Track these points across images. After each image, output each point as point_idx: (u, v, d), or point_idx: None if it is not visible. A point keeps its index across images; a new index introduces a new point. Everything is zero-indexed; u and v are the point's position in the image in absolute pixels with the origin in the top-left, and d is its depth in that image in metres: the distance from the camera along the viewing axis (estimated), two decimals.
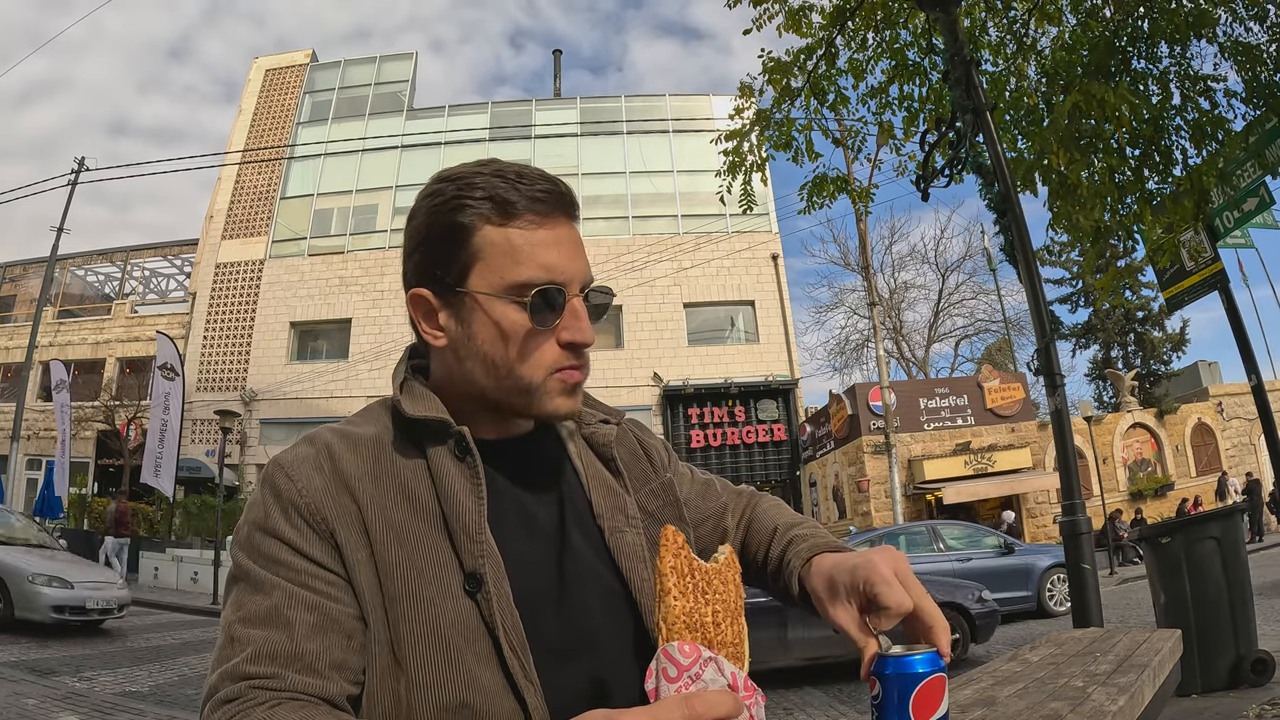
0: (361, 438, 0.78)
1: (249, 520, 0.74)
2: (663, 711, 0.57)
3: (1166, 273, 6.44)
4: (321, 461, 0.75)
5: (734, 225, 22.19)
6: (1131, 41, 5.03)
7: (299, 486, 0.73)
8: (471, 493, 0.75)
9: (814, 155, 5.91)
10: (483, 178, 0.77)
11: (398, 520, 0.73)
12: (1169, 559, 4.57)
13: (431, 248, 0.79)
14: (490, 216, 0.76)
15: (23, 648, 7.47)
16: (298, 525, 0.72)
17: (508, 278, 0.76)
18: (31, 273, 25.40)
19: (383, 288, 23.22)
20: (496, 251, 0.76)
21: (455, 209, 0.77)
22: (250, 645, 0.67)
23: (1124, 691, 1.36)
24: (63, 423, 17.28)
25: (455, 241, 0.77)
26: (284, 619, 0.68)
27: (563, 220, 0.79)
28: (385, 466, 0.76)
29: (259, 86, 26.43)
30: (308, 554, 0.71)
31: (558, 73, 28.53)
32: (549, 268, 0.76)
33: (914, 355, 29.60)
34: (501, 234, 0.76)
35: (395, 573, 0.71)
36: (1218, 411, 20.29)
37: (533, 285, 0.75)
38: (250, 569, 0.71)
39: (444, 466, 0.76)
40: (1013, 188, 4.42)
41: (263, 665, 0.66)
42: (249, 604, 0.70)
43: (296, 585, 0.70)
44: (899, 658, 0.68)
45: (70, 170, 18.32)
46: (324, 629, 0.69)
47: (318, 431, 0.80)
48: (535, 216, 0.77)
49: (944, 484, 16.89)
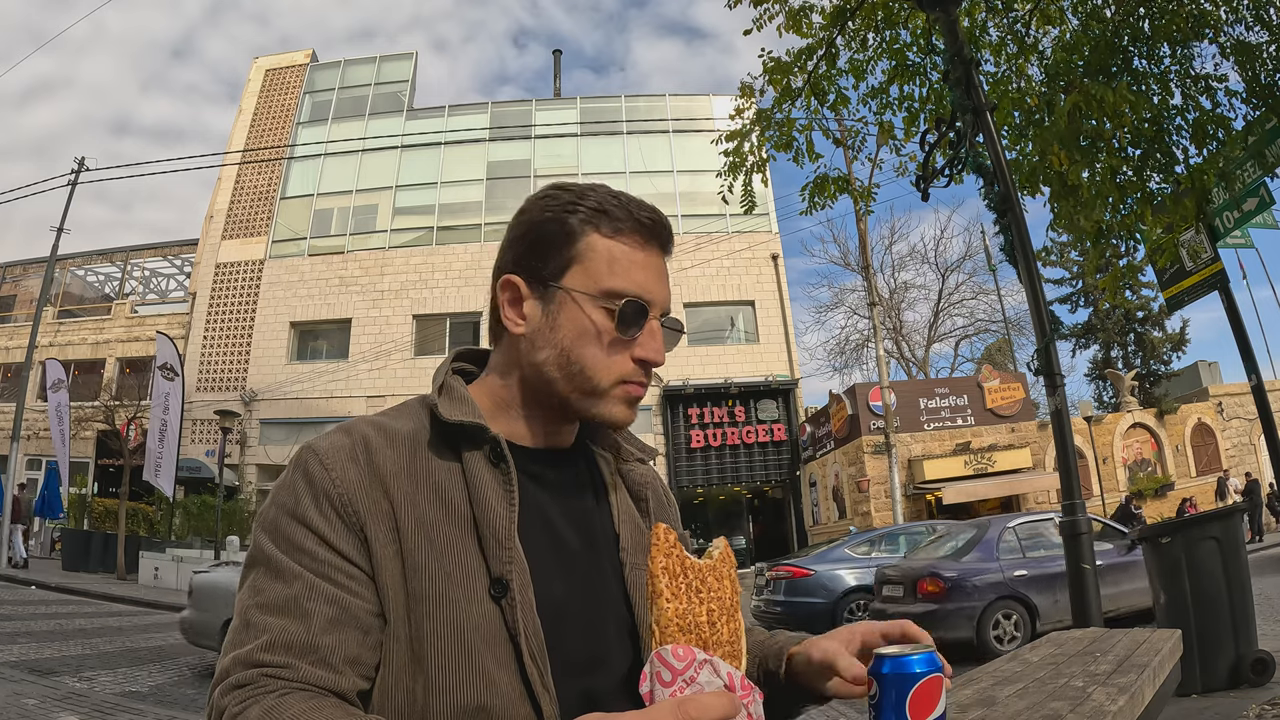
0: (398, 433, 0.79)
1: (277, 503, 0.74)
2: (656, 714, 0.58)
3: (1166, 273, 6.43)
4: (358, 453, 0.75)
5: (734, 225, 22.20)
6: (1133, 41, 5.02)
7: (334, 476, 0.73)
8: (504, 499, 0.76)
9: (814, 155, 5.90)
10: (596, 194, 0.83)
11: (429, 520, 0.74)
12: (1169, 559, 4.57)
13: (536, 241, 0.83)
14: (599, 225, 0.82)
15: (23, 648, 7.46)
16: (328, 515, 0.72)
17: (603, 283, 0.80)
18: (31, 273, 25.40)
19: (383, 288, 23.23)
20: (598, 258, 0.81)
21: (568, 211, 0.82)
22: (267, 633, 0.67)
23: (1124, 691, 1.36)
24: (59, 423, 17.27)
25: (561, 240, 0.82)
26: (303, 610, 0.68)
27: (657, 249, 0.85)
28: (420, 465, 0.77)
29: (259, 86, 26.43)
30: (335, 545, 0.71)
31: (558, 73, 28.56)
32: (641, 285, 0.81)
33: (914, 355, 29.63)
34: (605, 244, 0.82)
35: (422, 572, 0.71)
36: (1218, 411, 20.28)
37: (624, 295, 0.80)
38: (274, 555, 0.71)
39: (478, 471, 0.77)
40: (1013, 188, 4.41)
41: (277, 654, 0.66)
42: (269, 590, 0.70)
43: (319, 577, 0.70)
44: (896, 657, 0.68)
45: (70, 170, 18.32)
46: (342, 623, 0.69)
47: (354, 423, 0.80)
48: (638, 238, 0.83)
49: (944, 484, 16.90)
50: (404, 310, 23.00)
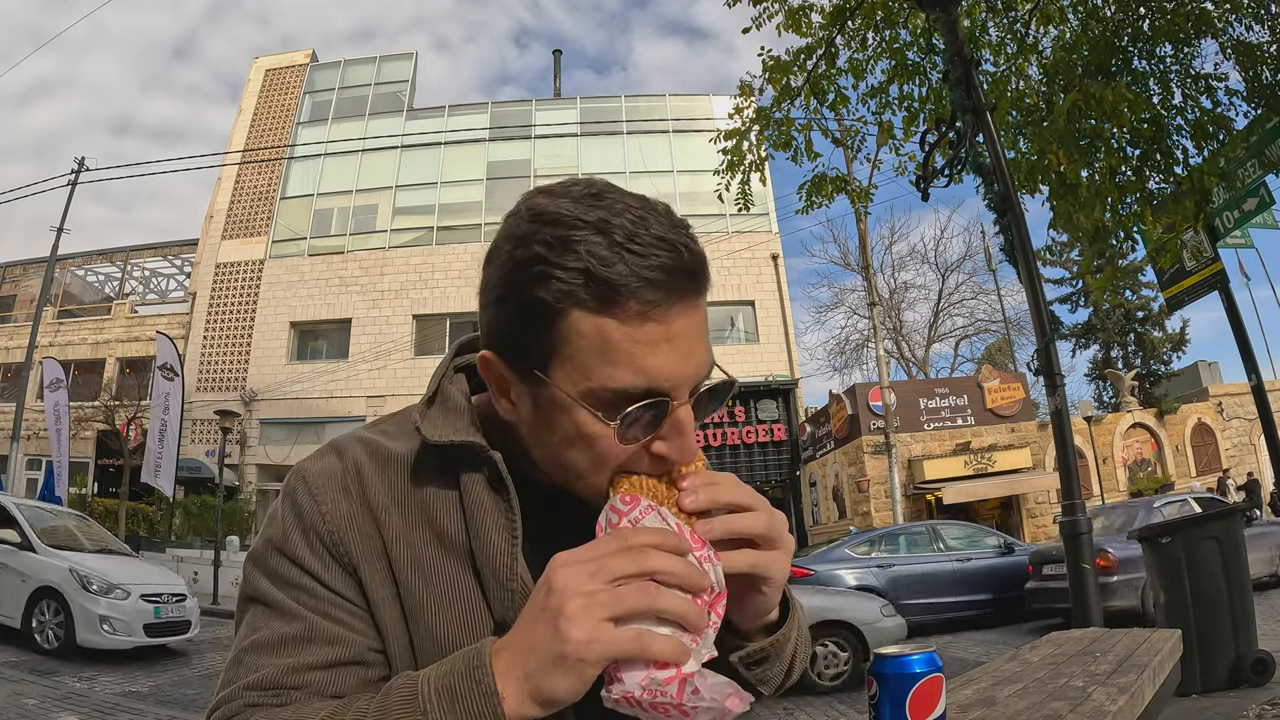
0: (392, 456, 0.71)
1: (267, 538, 0.69)
2: (599, 544, 0.56)
3: (1166, 273, 6.44)
4: (349, 483, 0.69)
5: (734, 225, 22.19)
6: (1133, 41, 5.02)
7: (323, 511, 0.67)
8: (505, 529, 0.67)
9: (813, 155, 5.91)
10: (583, 233, 0.59)
11: (425, 559, 0.67)
12: (1169, 559, 4.57)
13: (509, 316, 0.63)
14: (583, 299, 0.59)
15: (23, 648, 7.46)
16: (319, 553, 0.67)
17: (595, 380, 0.60)
18: (31, 273, 25.41)
19: (382, 288, 23.23)
20: (586, 345, 0.60)
21: (539, 278, 0.60)
22: (258, 671, 0.64)
23: (1124, 691, 1.36)
24: (58, 422, 17.27)
25: (536, 320, 0.61)
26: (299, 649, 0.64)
27: (679, 307, 0.61)
28: (413, 494, 0.69)
29: (259, 86, 26.44)
30: (328, 583, 0.67)
31: (557, 73, 28.56)
32: (651, 374, 0.60)
33: (914, 355, 29.62)
34: (595, 324, 0.59)
35: (421, 618, 0.66)
36: (1218, 411, 20.28)
37: (626, 396, 0.60)
38: (269, 593, 0.67)
39: (477, 498, 0.68)
40: (1013, 188, 4.41)
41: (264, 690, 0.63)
42: (262, 629, 0.66)
43: (318, 615, 0.66)
44: (896, 657, 0.68)
45: (70, 170, 18.33)
46: (341, 664, 0.65)
47: (347, 442, 0.73)
48: (643, 306, 0.59)
49: (944, 484, 16.88)
50: (404, 310, 23.00)
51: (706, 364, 0.65)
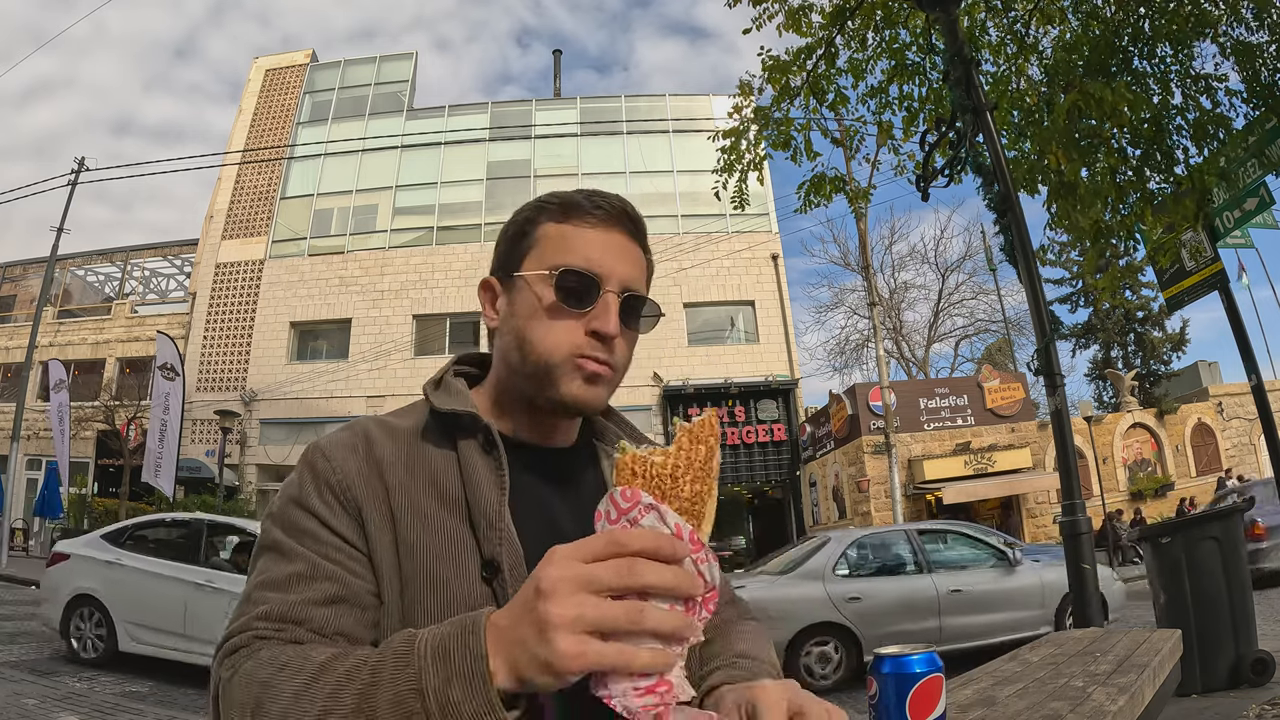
0: (399, 428, 0.83)
1: (284, 494, 0.79)
2: (594, 545, 0.58)
3: (1166, 273, 6.43)
4: (358, 445, 0.80)
5: (734, 225, 22.19)
6: (1133, 41, 5.02)
7: (334, 465, 0.78)
8: (495, 484, 0.78)
9: (813, 155, 5.90)
10: (569, 192, 0.87)
11: (424, 506, 0.77)
12: (1169, 559, 4.57)
13: (506, 243, 0.89)
14: (553, 212, 0.86)
15: (23, 648, 7.47)
16: (328, 501, 0.76)
17: (551, 260, 0.83)
18: (31, 273, 25.40)
19: (383, 288, 23.21)
20: (550, 241, 0.84)
21: (534, 210, 0.87)
22: (264, 604, 0.71)
23: (1124, 691, 1.36)
24: (60, 423, 17.27)
25: (522, 235, 0.87)
26: (302, 585, 0.72)
27: (619, 230, 0.86)
28: (417, 455, 0.81)
29: (259, 86, 26.42)
30: (335, 528, 0.75)
31: (558, 73, 28.55)
32: (589, 259, 0.82)
33: (914, 355, 29.62)
34: (558, 228, 0.85)
35: (415, 554, 0.75)
36: (1218, 411, 20.27)
37: (571, 271, 0.81)
38: (279, 539, 0.75)
39: (471, 458, 0.80)
40: (1013, 188, 4.41)
41: (272, 622, 0.70)
42: (272, 570, 0.74)
43: (320, 556, 0.74)
44: (896, 657, 0.68)
45: (70, 170, 18.31)
46: (340, 599, 0.73)
47: (359, 420, 0.85)
48: (593, 219, 0.85)
49: (944, 484, 16.88)
50: (404, 310, 22.98)
51: (636, 279, 0.86)
